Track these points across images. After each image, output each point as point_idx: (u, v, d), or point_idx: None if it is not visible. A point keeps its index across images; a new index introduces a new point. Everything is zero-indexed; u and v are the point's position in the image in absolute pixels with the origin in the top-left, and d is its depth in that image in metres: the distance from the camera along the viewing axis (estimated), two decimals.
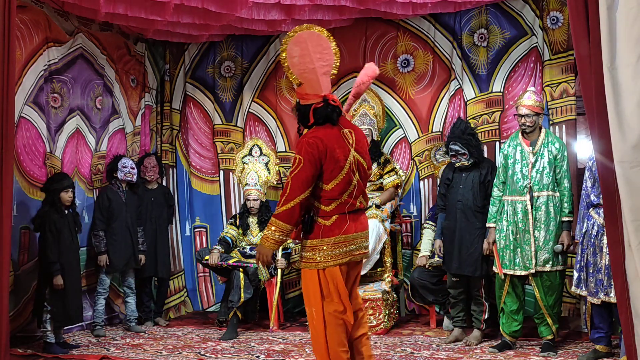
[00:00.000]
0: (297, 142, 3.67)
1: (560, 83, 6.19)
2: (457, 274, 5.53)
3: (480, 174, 5.53)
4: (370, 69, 3.94)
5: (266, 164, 6.76)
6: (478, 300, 5.58)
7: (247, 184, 6.61)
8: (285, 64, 3.67)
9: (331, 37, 3.76)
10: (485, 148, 6.18)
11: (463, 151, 5.50)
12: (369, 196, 6.35)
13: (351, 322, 3.70)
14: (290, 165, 3.70)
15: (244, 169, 6.73)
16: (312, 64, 3.64)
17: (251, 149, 6.85)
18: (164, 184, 7.25)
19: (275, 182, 6.93)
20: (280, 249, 6.39)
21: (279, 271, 6.37)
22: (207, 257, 6.30)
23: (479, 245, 5.41)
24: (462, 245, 5.48)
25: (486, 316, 5.54)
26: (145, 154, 6.99)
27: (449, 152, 5.60)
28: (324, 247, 3.63)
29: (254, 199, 6.52)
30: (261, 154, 6.82)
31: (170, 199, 7.05)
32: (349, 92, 6.91)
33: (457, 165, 5.58)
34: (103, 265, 6.12)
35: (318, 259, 3.65)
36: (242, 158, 6.82)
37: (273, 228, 3.62)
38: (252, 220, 6.58)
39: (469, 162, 5.52)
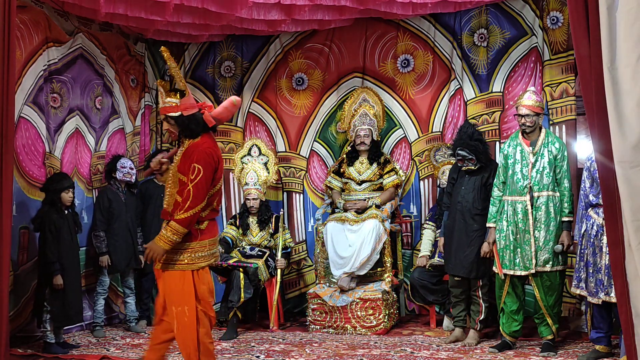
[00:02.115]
0: (190, 151, 3.83)
1: (560, 83, 6.19)
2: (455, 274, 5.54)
3: (482, 177, 5.53)
4: (232, 109, 4.04)
5: (265, 164, 6.76)
6: (475, 301, 5.58)
7: (246, 184, 6.61)
8: (179, 75, 3.97)
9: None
10: None
11: (470, 157, 5.49)
12: (369, 196, 6.46)
13: (214, 316, 3.98)
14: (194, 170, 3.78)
15: (243, 168, 6.74)
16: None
17: (250, 149, 6.85)
18: None
19: (274, 182, 6.94)
20: (280, 249, 6.41)
21: (279, 271, 6.37)
22: None
23: (475, 247, 5.41)
24: (458, 246, 5.48)
25: (482, 317, 5.53)
26: (158, 150, 7.03)
27: (456, 157, 5.59)
28: (199, 249, 3.88)
29: (253, 199, 6.52)
30: (260, 153, 6.82)
31: None
32: (349, 92, 7.03)
33: (463, 169, 5.58)
34: (105, 265, 6.11)
35: (194, 260, 3.86)
36: (241, 158, 6.82)
37: (172, 231, 3.77)
38: (252, 220, 6.57)
39: (476, 167, 5.53)
